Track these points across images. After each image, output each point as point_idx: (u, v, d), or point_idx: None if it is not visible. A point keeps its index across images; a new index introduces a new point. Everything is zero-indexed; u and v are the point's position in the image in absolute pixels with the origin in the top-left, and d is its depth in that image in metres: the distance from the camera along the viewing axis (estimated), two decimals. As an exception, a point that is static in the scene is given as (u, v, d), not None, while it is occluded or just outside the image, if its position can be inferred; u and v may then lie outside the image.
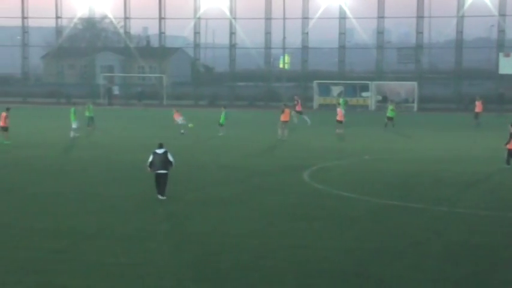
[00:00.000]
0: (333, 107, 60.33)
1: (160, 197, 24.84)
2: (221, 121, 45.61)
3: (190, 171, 29.29)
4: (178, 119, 46.20)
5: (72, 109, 43.42)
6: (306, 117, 52.80)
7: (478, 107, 53.98)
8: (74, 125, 42.56)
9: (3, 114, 41.26)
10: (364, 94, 73.03)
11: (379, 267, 17.22)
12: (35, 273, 16.32)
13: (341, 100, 59.53)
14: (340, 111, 47.35)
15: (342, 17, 76.87)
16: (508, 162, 32.38)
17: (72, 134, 42.29)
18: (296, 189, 27.41)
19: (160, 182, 24.74)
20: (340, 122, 46.84)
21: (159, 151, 24.74)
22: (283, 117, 43.43)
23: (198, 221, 22.01)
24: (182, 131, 45.09)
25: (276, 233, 20.38)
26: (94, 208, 23.53)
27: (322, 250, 18.58)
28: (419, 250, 18.78)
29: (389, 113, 50.03)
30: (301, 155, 37.28)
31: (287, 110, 43.85)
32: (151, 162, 24.72)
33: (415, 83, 72.35)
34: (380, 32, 77.00)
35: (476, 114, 53.64)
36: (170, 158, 24.67)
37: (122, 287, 15.66)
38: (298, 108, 53.56)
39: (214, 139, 43.81)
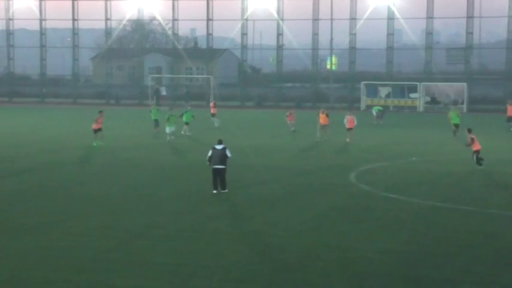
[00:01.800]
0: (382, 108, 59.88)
1: (215, 191, 25.75)
2: (185, 119, 45.74)
3: (237, 171, 29.34)
4: (291, 121, 47.72)
5: (169, 115, 43.16)
6: (216, 120, 51.95)
7: (510, 110, 51.84)
8: (168, 130, 42.24)
9: (98, 116, 41.16)
10: (412, 95, 72.38)
11: (428, 270, 17.01)
12: (83, 272, 16.49)
13: (375, 107, 58.72)
14: (350, 118, 42.94)
15: (390, 18, 76.29)
16: (479, 163, 32.36)
17: (168, 137, 42.12)
18: (343, 190, 27.29)
19: (217, 177, 25.67)
20: (350, 129, 42.78)
21: (218, 147, 25.82)
22: (321, 121, 43.54)
23: (244, 222, 22.05)
24: (293, 128, 47.41)
25: (323, 234, 20.30)
26: (142, 208, 23.73)
27: (369, 252, 18.43)
28: (469, 253, 18.51)
29: (454, 120, 45.66)
30: (348, 156, 37.14)
31: (322, 115, 43.78)
32: (210, 157, 25.79)
33: (464, 84, 71.44)
34: (429, 33, 76.25)
35: (509, 118, 51.42)
36: (228, 153, 25.83)
37: (170, 287, 15.73)
38: (212, 111, 53.11)
39: (259, 139, 43.83)
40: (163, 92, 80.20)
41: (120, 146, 39.46)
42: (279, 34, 78.69)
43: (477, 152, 32.57)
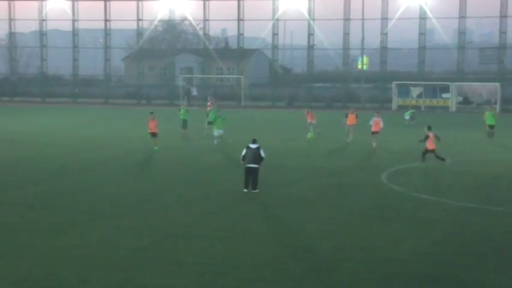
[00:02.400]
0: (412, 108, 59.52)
1: (245, 190, 25.96)
2: (210, 119, 45.23)
3: (267, 172, 29.37)
4: (312, 122, 46.18)
5: (222, 116, 41.70)
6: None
7: None
8: (217, 133, 40.65)
9: (150, 118, 39.27)
10: (444, 95, 71.92)
11: (458, 271, 16.91)
12: (116, 271, 16.63)
13: (408, 112, 57.91)
14: (377, 121, 40.30)
15: (422, 17, 75.89)
16: (423, 159, 33.11)
17: (215, 141, 40.70)
18: (374, 191, 27.21)
19: (250, 176, 25.88)
20: (376, 132, 40.12)
21: (253, 146, 26.12)
22: (348, 121, 43.03)
23: (274, 222, 22.07)
24: (314, 131, 45.43)
25: (353, 235, 20.26)
26: (173, 208, 23.86)
27: (400, 253, 18.37)
28: (500, 254, 18.36)
29: (489, 121, 45.14)
30: (379, 156, 36.99)
31: (351, 115, 43.03)
32: (244, 156, 26.04)
33: (497, 84, 70.81)
34: (461, 32, 75.74)
35: None
36: (262, 153, 26.00)
37: (200, 286, 15.82)
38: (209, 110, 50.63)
39: (289, 140, 43.81)
40: (194, 92, 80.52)
41: (151, 146, 39.66)
42: (310, 34, 78.63)
43: (430, 151, 32.78)
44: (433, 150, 32.95)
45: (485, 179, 30.11)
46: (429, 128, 33.48)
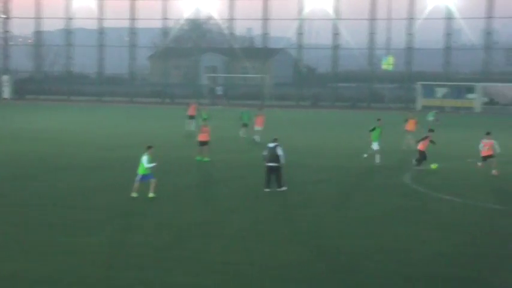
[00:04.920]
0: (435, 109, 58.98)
1: (266, 189, 25.92)
2: (244, 121, 44.08)
3: (292, 170, 29.32)
4: (260, 127, 42.34)
5: (379, 129, 34.93)
6: (193, 123, 47.12)
7: None
8: (375, 146, 34.34)
9: (204, 124, 36.01)
10: (469, 96, 71.47)
11: (485, 272, 16.74)
12: (137, 270, 16.62)
13: (431, 113, 56.80)
14: (487, 144, 32.35)
15: (449, 17, 75.41)
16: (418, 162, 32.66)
17: (378, 158, 34.34)
18: (397, 192, 27.05)
19: (271, 175, 25.90)
20: (491, 156, 31.98)
21: (271, 145, 26.12)
22: (407, 126, 40.86)
23: (298, 222, 21.99)
24: (257, 138, 41.93)
25: (377, 236, 20.13)
26: (195, 206, 23.88)
27: (424, 254, 18.22)
28: (525, 257, 18.18)
29: None
30: (402, 157, 36.73)
31: (411, 120, 40.90)
32: (264, 156, 26.19)
33: (524, 85, 70.23)
34: (488, 33, 75.20)
35: None
36: (279, 152, 25.82)
37: (224, 285, 15.80)
38: (190, 112, 48.44)
39: (314, 139, 43.69)
40: (219, 92, 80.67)
41: (173, 145, 39.69)
42: (335, 34, 78.45)
43: (420, 152, 32.56)
44: (421, 152, 32.67)
45: (510, 181, 29.80)
46: (431, 130, 33.60)
